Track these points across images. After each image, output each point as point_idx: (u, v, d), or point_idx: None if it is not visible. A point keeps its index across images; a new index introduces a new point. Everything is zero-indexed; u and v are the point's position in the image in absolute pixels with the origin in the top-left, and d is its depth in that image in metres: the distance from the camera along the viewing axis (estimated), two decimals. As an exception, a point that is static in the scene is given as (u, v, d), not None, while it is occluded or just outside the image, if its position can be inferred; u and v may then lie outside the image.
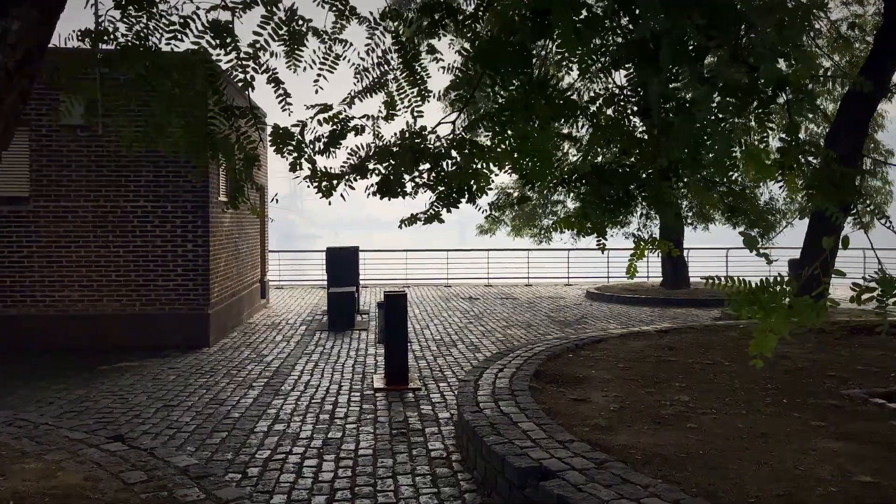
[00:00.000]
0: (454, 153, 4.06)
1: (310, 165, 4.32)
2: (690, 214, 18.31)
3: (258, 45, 4.07)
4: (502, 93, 3.66)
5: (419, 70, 4.28)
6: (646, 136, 3.80)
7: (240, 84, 4.17)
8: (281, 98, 4.25)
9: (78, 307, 11.22)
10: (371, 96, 4.47)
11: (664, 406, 6.11)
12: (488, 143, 4.08)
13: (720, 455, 4.85)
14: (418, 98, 4.36)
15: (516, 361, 7.79)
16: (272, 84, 4.21)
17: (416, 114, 4.33)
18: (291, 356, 10.37)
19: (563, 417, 5.72)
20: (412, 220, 4.46)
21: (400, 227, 4.62)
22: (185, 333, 11.24)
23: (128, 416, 7.15)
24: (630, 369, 7.56)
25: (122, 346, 11.00)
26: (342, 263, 15.67)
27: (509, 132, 3.61)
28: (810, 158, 3.36)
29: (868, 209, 20.26)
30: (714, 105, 2.72)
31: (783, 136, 3.19)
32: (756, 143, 3.16)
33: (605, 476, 4.31)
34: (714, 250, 22.94)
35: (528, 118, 3.53)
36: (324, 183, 4.24)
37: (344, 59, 4.40)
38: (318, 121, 4.27)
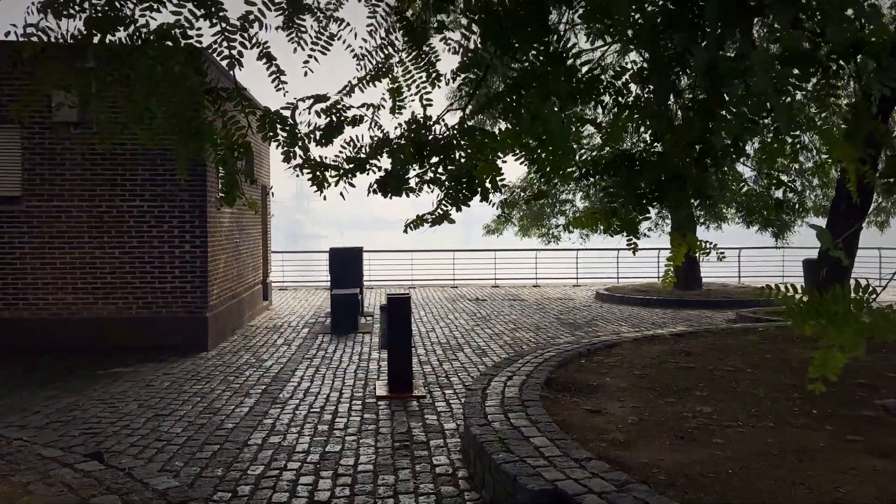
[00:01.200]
0: (463, 142, 3.65)
1: (302, 154, 3.90)
2: (702, 213, 17.84)
3: (251, 18, 3.64)
4: (515, 66, 3.25)
5: (428, 50, 3.86)
6: (678, 118, 3.38)
7: (225, 62, 3.76)
8: (274, 77, 3.83)
9: (73, 310, 10.87)
10: (375, 84, 4.04)
11: (686, 418, 5.70)
12: (499, 129, 3.66)
13: (750, 474, 4.43)
14: (427, 83, 3.94)
15: (526, 368, 7.39)
16: (263, 60, 3.78)
17: (425, 101, 3.92)
18: (292, 361, 9.99)
19: (578, 431, 5.31)
20: (419, 222, 4.04)
21: (406, 231, 4.21)
22: (183, 337, 10.88)
23: (116, 426, 6.77)
24: (647, 377, 7.14)
25: (119, 349, 10.63)
26: (346, 264, 15.28)
27: (522, 112, 3.20)
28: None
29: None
30: (773, 75, 2.32)
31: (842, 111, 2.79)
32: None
33: (627, 500, 3.90)
34: (726, 250, 22.47)
35: (545, 96, 3.12)
36: (317, 172, 3.83)
37: (339, 39, 3.98)
38: (316, 112, 3.86)
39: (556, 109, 3.11)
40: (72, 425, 6.78)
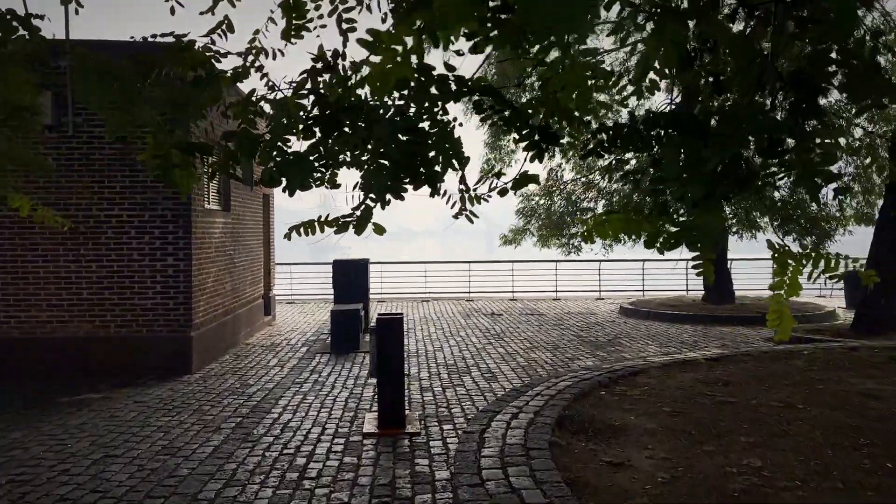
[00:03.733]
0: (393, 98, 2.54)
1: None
2: (734, 221, 16.61)
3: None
4: None
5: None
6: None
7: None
8: None
9: (46, 329, 9.99)
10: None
11: (730, 475, 4.58)
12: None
13: (824, 566, 3.33)
14: None
15: (536, 402, 6.32)
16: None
17: (346, 23, 2.76)
18: (279, 387, 8.99)
19: (593, 495, 4.23)
20: (315, 225, 2.91)
21: (287, 237, 3.11)
22: (165, 358, 9.94)
23: (54, 470, 5.80)
24: (680, 414, 6.03)
25: (94, 372, 9.73)
26: (350, 278, 14.29)
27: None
28: None
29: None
30: None
31: None
32: None
33: None
34: (758, 261, 21.14)
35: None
36: (175, 165, 2.76)
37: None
38: (178, 65, 2.77)
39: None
40: (2, 469, 5.83)
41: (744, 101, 2.10)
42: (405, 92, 2.50)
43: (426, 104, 2.50)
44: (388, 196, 2.61)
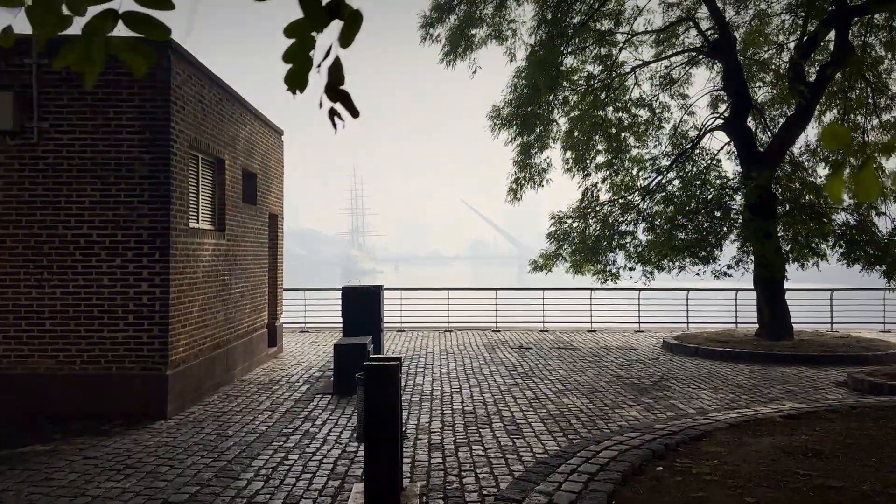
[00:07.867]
0: None
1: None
2: (793, 247, 14.84)
3: None
4: None
5: None
6: None
7: None
8: None
9: (3, 364, 8.67)
10: None
11: None
12: None
13: None
14: None
15: (572, 486, 4.73)
16: None
17: None
18: (261, 439, 7.51)
19: None
20: None
21: None
22: (136, 401, 8.53)
23: (-73, 569, 4.38)
24: (770, 510, 4.39)
25: (54, 417, 8.36)
26: (361, 307, 12.84)
27: None
28: None
29: None
30: None
31: None
32: None
33: None
34: (815, 292, 19.23)
35: None
36: None
37: None
38: None
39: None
40: None
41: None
42: None
43: None
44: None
